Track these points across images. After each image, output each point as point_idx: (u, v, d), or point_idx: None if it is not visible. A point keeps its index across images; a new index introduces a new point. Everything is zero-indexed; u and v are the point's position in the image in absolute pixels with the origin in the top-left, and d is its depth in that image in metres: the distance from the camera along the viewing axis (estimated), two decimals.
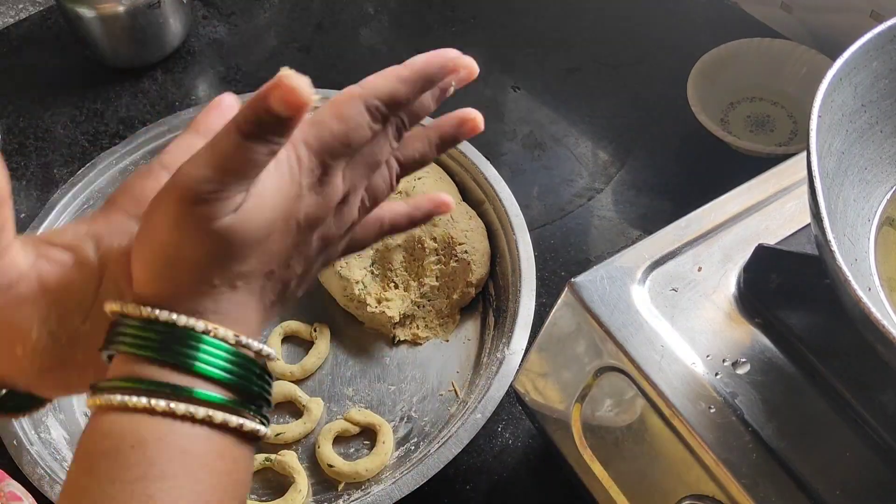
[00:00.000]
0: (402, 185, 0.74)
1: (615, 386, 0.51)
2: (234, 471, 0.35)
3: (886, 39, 0.47)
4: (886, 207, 0.50)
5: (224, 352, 0.36)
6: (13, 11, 1.05)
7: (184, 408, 0.34)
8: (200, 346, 0.35)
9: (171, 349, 0.35)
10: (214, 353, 0.36)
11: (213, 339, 0.36)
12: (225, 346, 0.36)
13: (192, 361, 0.35)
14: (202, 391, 0.35)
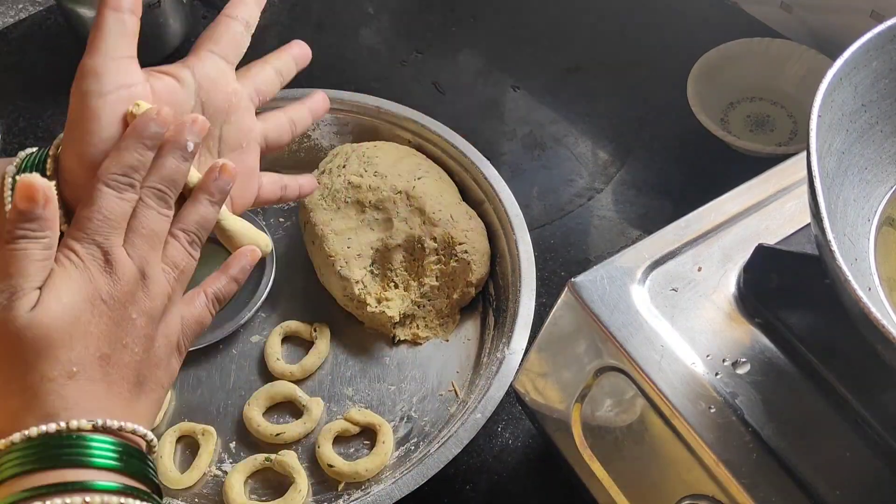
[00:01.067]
0: (402, 186, 0.74)
1: (615, 386, 0.51)
2: None
3: (886, 39, 0.47)
4: (886, 207, 0.50)
5: (86, 441, 0.39)
6: (13, 11, 1.05)
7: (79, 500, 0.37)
8: (66, 443, 0.39)
9: (45, 456, 0.38)
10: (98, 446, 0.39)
11: (71, 433, 0.39)
12: (86, 435, 0.39)
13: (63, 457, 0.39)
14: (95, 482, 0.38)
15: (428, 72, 0.96)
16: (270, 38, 1.01)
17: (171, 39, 0.96)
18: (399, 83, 0.95)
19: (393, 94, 0.85)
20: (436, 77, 0.96)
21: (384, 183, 0.74)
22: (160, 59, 0.97)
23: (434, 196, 0.74)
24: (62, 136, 0.49)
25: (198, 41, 0.54)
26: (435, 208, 0.73)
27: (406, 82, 0.95)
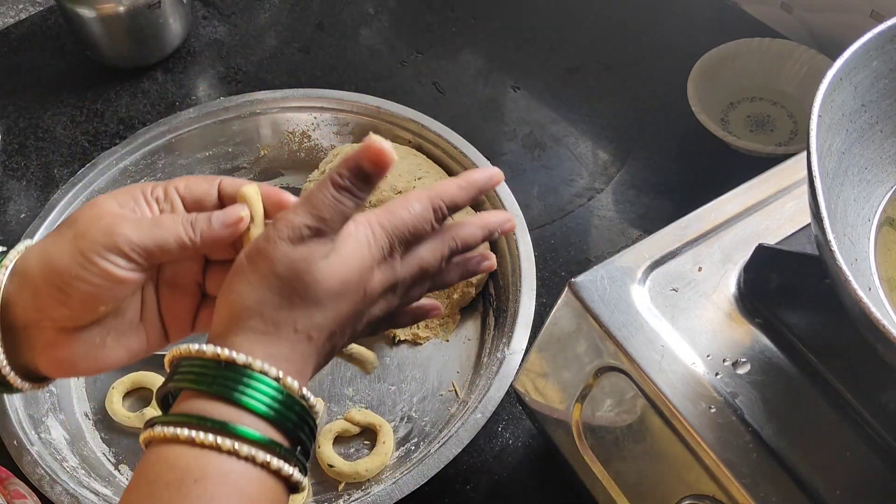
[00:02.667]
0: (402, 186, 0.74)
1: (615, 386, 0.51)
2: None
3: (886, 39, 0.47)
4: (886, 207, 0.50)
5: (287, 402, 0.41)
6: (13, 11, 1.05)
7: (242, 449, 0.38)
8: (266, 394, 0.40)
9: (239, 390, 0.39)
10: (280, 402, 0.40)
11: (275, 382, 0.40)
12: (290, 396, 0.41)
13: (254, 404, 0.39)
14: (255, 433, 0.39)
15: (428, 72, 0.96)
16: (270, 39, 1.01)
17: (171, 39, 0.96)
18: (399, 83, 0.95)
19: (393, 94, 0.85)
20: (436, 77, 0.96)
21: (384, 183, 0.74)
22: (161, 59, 0.97)
23: None
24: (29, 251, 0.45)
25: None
26: None
27: (406, 82, 0.95)
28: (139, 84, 0.95)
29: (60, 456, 0.64)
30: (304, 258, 0.41)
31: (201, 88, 0.96)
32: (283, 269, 0.41)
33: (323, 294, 0.41)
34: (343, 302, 0.42)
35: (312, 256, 0.41)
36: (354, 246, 0.43)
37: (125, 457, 0.68)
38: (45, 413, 0.67)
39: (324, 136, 0.84)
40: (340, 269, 0.42)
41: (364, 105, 0.82)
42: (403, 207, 0.44)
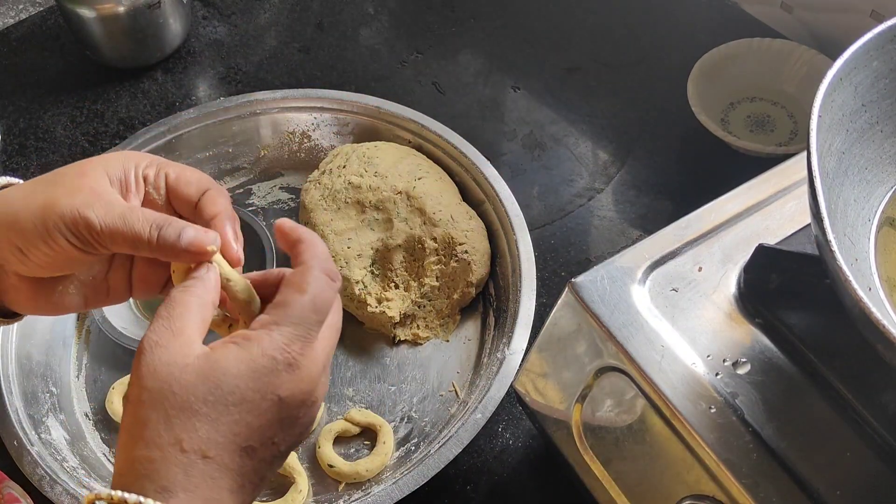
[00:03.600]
0: (402, 186, 0.74)
1: (615, 386, 0.51)
2: None
3: (887, 39, 0.47)
4: (886, 207, 0.50)
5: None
6: (13, 12, 1.05)
7: None
8: None
9: None
10: None
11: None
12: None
13: None
14: None
15: (428, 72, 0.96)
16: (270, 39, 1.01)
17: (171, 40, 0.96)
18: (399, 83, 0.95)
19: (393, 95, 0.85)
20: (436, 77, 0.96)
21: (384, 183, 0.74)
22: (161, 59, 0.97)
23: (434, 196, 0.74)
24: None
25: None
26: (435, 208, 0.73)
27: (406, 82, 0.95)
28: (139, 84, 0.95)
29: (60, 456, 0.64)
30: (166, 363, 0.37)
31: (201, 88, 0.96)
32: (149, 381, 0.37)
33: (193, 398, 0.37)
34: (237, 410, 0.38)
35: (173, 360, 0.37)
36: (247, 345, 0.39)
37: None
38: (45, 413, 0.67)
39: (324, 136, 0.84)
40: (220, 369, 0.38)
41: (364, 105, 0.82)
42: (297, 286, 0.40)
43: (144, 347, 0.38)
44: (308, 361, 0.40)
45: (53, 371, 0.71)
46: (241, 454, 0.38)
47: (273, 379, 0.39)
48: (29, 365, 0.69)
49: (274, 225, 0.43)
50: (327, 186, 0.75)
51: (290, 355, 0.39)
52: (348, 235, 0.73)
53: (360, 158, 0.77)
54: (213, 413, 0.37)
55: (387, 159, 0.76)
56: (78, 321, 0.75)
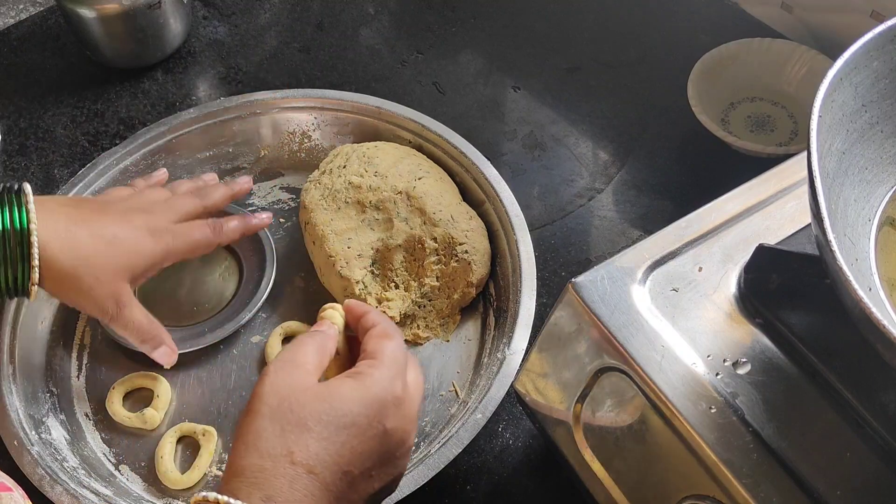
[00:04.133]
0: (403, 186, 0.74)
1: (616, 386, 0.51)
2: None
3: (887, 39, 0.47)
4: (887, 207, 0.50)
5: None
6: (13, 12, 1.05)
7: None
8: None
9: None
10: None
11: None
12: None
13: None
14: None
15: (428, 72, 0.96)
16: (270, 39, 1.01)
17: (171, 40, 0.96)
18: (399, 83, 0.95)
19: (393, 95, 0.85)
20: (436, 77, 0.96)
21: (384, 183, 0.74)
22: (161, 59, 0.97)
23: (434, 196, 0.74)
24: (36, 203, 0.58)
25: None
26: (435, 208, 0.73)
27: (406, 82, 0.95)
28: (139, 84, 0.95)
29: (60, 456, 0.64)
30: (288, 384, 0.43)
31: (201, 88, 0.96)
32: (270, 398, 0.43)
33: (309, 416, 0.42)
34: (346, 433, 0.42)
35: (294, 383, 0.43)
36: (364, 375, 0.45)
37: (125, 457, 0.68)
38: (45, 413, 0.67)
39: (324, 136, 0.84)
40: (338, 395, 0.42)
41: (364, 105, 0.82)
42: (385, 338, 0.49)
43: (269, 371, 0.44)
44: (409, 399, 0.46)
45: (53, 371, 0.71)
46: (341, 477, 0.42)
47: (382, 409, 0.44)
48: (29, 365, 0.69)
49: (343, 305, 0.52)
50: (327, 186, 0.75)
51: (397, 390, 0.45)
52: (348, 235, 0.73)
53: (360, 158, 0.77)
54: (324, 432, 0.42)
55: (387, 159, 0.76)
56: (78, 321, 0.75)
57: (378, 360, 0.46)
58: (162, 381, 0.71)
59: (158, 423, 0.69)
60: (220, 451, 0.68)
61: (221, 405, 0.70)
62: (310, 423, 0.42)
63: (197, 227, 0.67)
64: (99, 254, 0.59)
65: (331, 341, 0.49)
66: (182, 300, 0.76)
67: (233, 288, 0.76)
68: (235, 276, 0.77)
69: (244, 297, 0.75)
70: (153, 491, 0.66)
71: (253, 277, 0.76)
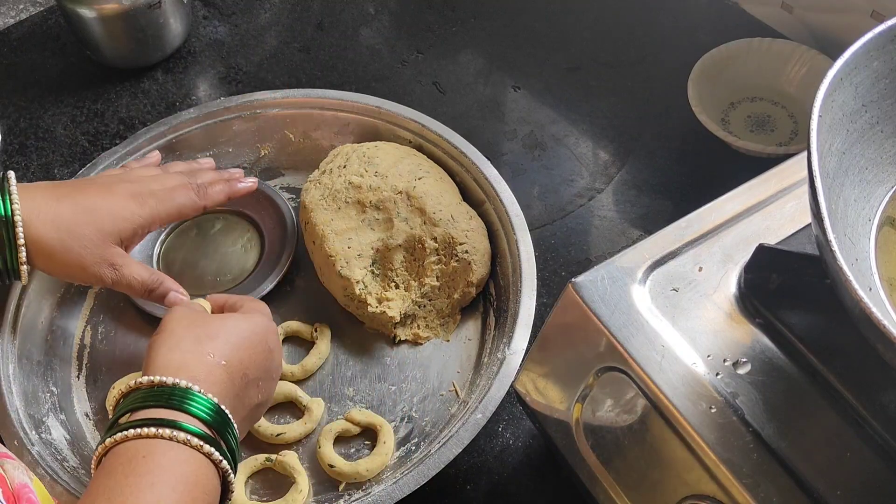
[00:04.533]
0: (403, 186, 0.74)
1: (616, 386, 0.51)
2: (206, 493, 0.49)
3: (887, 39, 0.47)
4: (887, 207, 0.50)
5: (207, 404, 0.52)
6: (13, 12, 1.05)
7: (178, 435, 0.49)
8: (192, 397, 0.51)
9: (171, 399, 0.51)
10: (201, 402, 0.51)
11: (200, 394, 0.52)
12: (209, 400, 0.52)
13: (184, 405, 0.51)
14: (188, 425, 0.50)
15: (428, 72, 0.96)
16: (270, 39, 1.01)
17: (171, 40, 0.96)
18: (400, 83, 0.95)
19: (393, 94, 0.85)
20: (436, 77, 0.96)
21: (385, 183, 0.74)
22: (161, 59, 0.97)
23: (434, 196, 0.74)
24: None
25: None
26: (435, 208, 0.73)
27: (406, 82, 0.95)
28: (139, 84, 0.95)
29: (61, 456, 0.64)
30: (191, 314, 0.58)
31: (202, 88, 0.96)
32: (184, 320, 0.58)
33: (216, 330, 0.56)
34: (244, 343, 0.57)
35: (194, 314, 0.59)
36: (248, 311, 0.62)
37: None
38: (45, 413, 0.67)
39: (324, 136, 0.84)
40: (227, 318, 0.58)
41: (364, 105, 0.82)
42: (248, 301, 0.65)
43: (173, 310, 0.59)
44: (277, 340, 0.62)
45: (53, 371, 0.71)
46: (242, 376, 0.56)
47: (266, 333, 0.59)
48: (29, 365, 0.69)
49: (207, 297, 0.66)
50: (327, 186, 0.75)
51: (272, 325, 0.62)
52: (348, 235, 0.73)
53: (360, 158, 0.77)
54: (229, 340, 0.56)
55: (387, 159, 0.76)
56: (78, 321, 0.75)
57: (251, 308, 0.62)
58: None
59: None
60: None
61: None
62: (219, 334, 0.56)
63: (181, 190, 0.68)
64: (81, 223, 0.61)
65: (198, 307, 0.62)
66: (204, 270, 0.78)
67: (254, 259, 0.78)
68: (257, 248, 0.79)
69: (266, 269, 0.76)
70: None
71: (274, 250, 0.78)
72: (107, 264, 0.63)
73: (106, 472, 0.47)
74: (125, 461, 0.47)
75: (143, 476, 0.46)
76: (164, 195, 0.67)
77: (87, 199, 0.63)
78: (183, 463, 0.48)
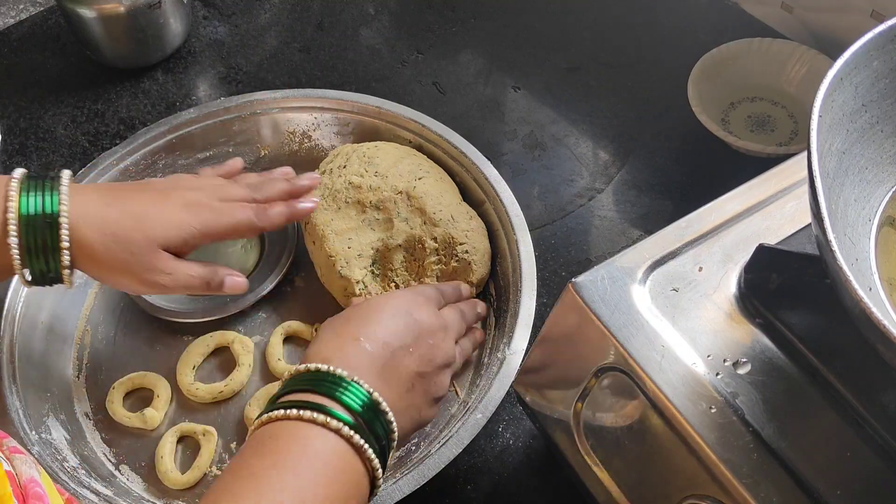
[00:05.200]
0: (403, 186, 0.74)
1: (616, 386, 0.51)
2: (350, 486, 0.50)
3: (887, 39, 0.47)
4: (887, 207, 0.50)
5: (361, 394, 0.52)
6: (13, 12, 1.05)
7: (323, 418, 0.49)
8: (346, 385, 0.52)
9: (323, 385, 0.52)
10: (354, 392, 0.52)
11: (354, 383, 0.52)
12: (363, 390, 0.52)
13: (335, 392, 0.51)
14: (338, 412, 0.50)
15: (428, 72, 0.96)
16: (270, 39, 1.01)
17: (171, 40, 0.96)
18: (400, 83, 0.95)
19: (393, 94, 0.85)
20: (436, 77, 0.96)
21: (385, 183, 0.74)
22: (161, 59, 0.97)
23: (435, 196, 0.74)
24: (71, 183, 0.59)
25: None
26: (435, 208, 0.73)
27: (407, 82, 0.95)
28: (139, 84, 0.95)
29: (61, 456, 0.64)
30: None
31: (202, 88, 0.96)
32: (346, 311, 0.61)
33: (350, 316, 0.58)
34: (377, 316, 0.57)
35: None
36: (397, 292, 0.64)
37: (125, 457, 0.68)
38: (45, 413, 0.67)
39: (324, 136, 0.84)
40: (382, 299, 0.60)
41: (364, 105, 0.82)
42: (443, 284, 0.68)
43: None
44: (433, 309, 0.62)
45: (53, 371, 0.71)
46: (382, 346, 0.56)
47: (407, 303, 0.60)
48: (29, 365, 0.69)
49: None
50: (328, 186, 0.75)
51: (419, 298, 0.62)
52: (348, 235, 0.73)
53: (360, 158, 0.77)
54: (361, 320, 0.58)
55: (387, 159, 0.76)
56: (79, 321, 0.75)
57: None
58: (162, 380, 0.71)
59: (158, 423, 0.69)
60: (221, 451, 0.68)
61: (221, 405, 0.70)
62: (352, 316, 0.58)
63: (240, 207, 0.64)
64: (127, 228, 0.59)
65: None
66: None
67: (254, 259, 0.78)
68: (257, 248, 0.79)
69: (266, 269, 0.77)
70: (153, 491, 0.66)
71: (274, 250, 0.78)
72: (157, 270, 0.60)
73: (253, 451, 0.49)
74: (269, 442, 0.49)
75: (286, 457, 0.48)
76: (221, 208, 0.63)
77: (137, 205, 0.60)
78: (331, 456, 0.49)
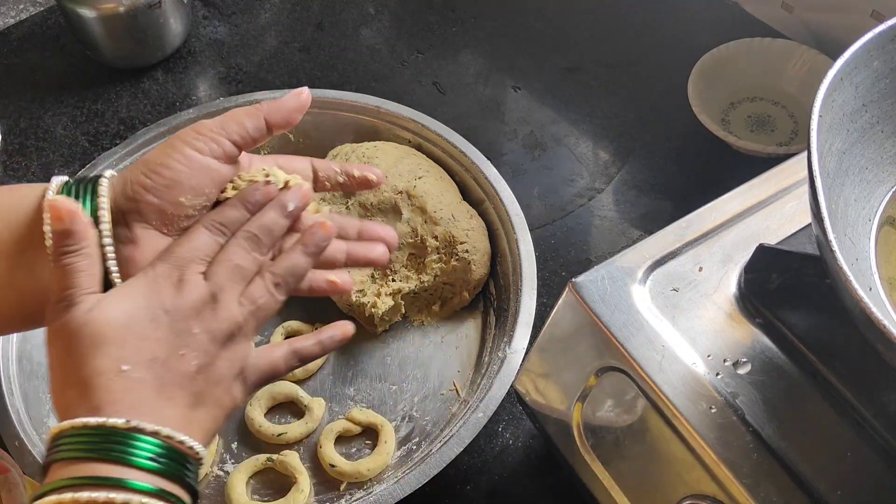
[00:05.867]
0: (403, 185, 0.74)
1: (616, 386, 0.51)
2: None
3: (887, 39, 0.47)
4: (887, 207, 0.50)
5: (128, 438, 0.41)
6: (13, 12, 1.05)
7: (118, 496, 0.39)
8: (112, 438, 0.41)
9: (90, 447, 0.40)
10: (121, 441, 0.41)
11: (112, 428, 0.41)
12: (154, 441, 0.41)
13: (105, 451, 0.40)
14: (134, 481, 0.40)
15: (428, 72, 0.96)
16: (270, 39, 1.01)
17: (171, 39, 0.96)
18: (399, 83, 0.95)
19: (393, 94, 0.85)
20: (436, 77, 0.96)
21: (385, 183, 0.74)
22: (161, 59, 0.97)
23: (435, 195, 0.74)
24: (125, 171, 0.49)
25: None
26: (436, 207, 0.73)
27: (406, 82, 0.95)
28: (139, 84, 0.95)
29: None
30: (66, 322, 0.43)
31: (201, 88, 0.96)
32: (57, 342, 0.44)
33: (101, 337, 0.43)
34: (140, 330, 0.43)
35: (71, 317, 0.43)
36: (133, 282, 0.45)
37: None
38: (46, 413, 0.67)
39: (323, 136, 0.84)
40: (113, 307, 0.44)
41: (364, 105, 0.82)
42: (183, 236, 0.48)
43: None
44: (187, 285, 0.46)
45: None
46: (148, 364, 0.43)
47: (155, 298, 0.45)
48: (30, 366, 0.69)
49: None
50: None
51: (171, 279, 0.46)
52: None
53: (359, 158, 0.77)
54: (113, 336, 0.43)
55: (387, 159, 0.76)
56: None
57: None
58: None
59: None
60: (222, 451, 0.68)
61: None
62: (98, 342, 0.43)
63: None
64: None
65: None
66: None
67: None
68: None
69: None
70: None
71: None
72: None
73: None
74: None
75: None
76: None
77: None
78: None
